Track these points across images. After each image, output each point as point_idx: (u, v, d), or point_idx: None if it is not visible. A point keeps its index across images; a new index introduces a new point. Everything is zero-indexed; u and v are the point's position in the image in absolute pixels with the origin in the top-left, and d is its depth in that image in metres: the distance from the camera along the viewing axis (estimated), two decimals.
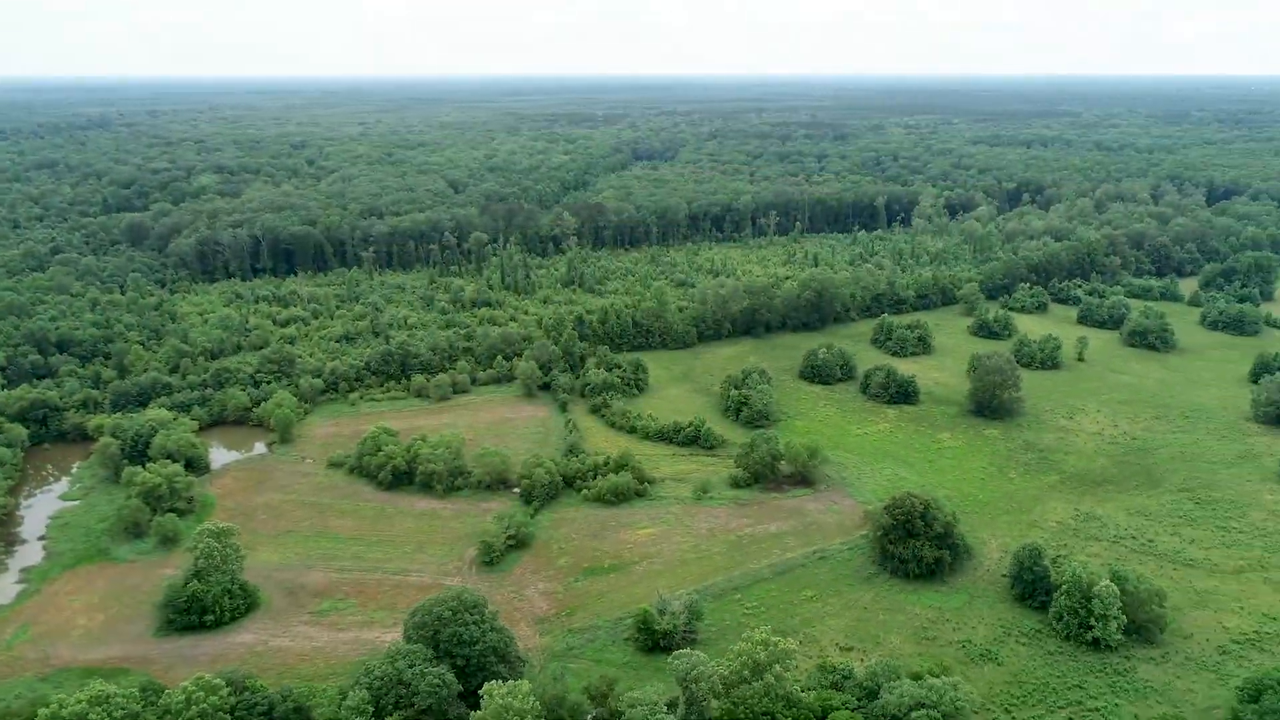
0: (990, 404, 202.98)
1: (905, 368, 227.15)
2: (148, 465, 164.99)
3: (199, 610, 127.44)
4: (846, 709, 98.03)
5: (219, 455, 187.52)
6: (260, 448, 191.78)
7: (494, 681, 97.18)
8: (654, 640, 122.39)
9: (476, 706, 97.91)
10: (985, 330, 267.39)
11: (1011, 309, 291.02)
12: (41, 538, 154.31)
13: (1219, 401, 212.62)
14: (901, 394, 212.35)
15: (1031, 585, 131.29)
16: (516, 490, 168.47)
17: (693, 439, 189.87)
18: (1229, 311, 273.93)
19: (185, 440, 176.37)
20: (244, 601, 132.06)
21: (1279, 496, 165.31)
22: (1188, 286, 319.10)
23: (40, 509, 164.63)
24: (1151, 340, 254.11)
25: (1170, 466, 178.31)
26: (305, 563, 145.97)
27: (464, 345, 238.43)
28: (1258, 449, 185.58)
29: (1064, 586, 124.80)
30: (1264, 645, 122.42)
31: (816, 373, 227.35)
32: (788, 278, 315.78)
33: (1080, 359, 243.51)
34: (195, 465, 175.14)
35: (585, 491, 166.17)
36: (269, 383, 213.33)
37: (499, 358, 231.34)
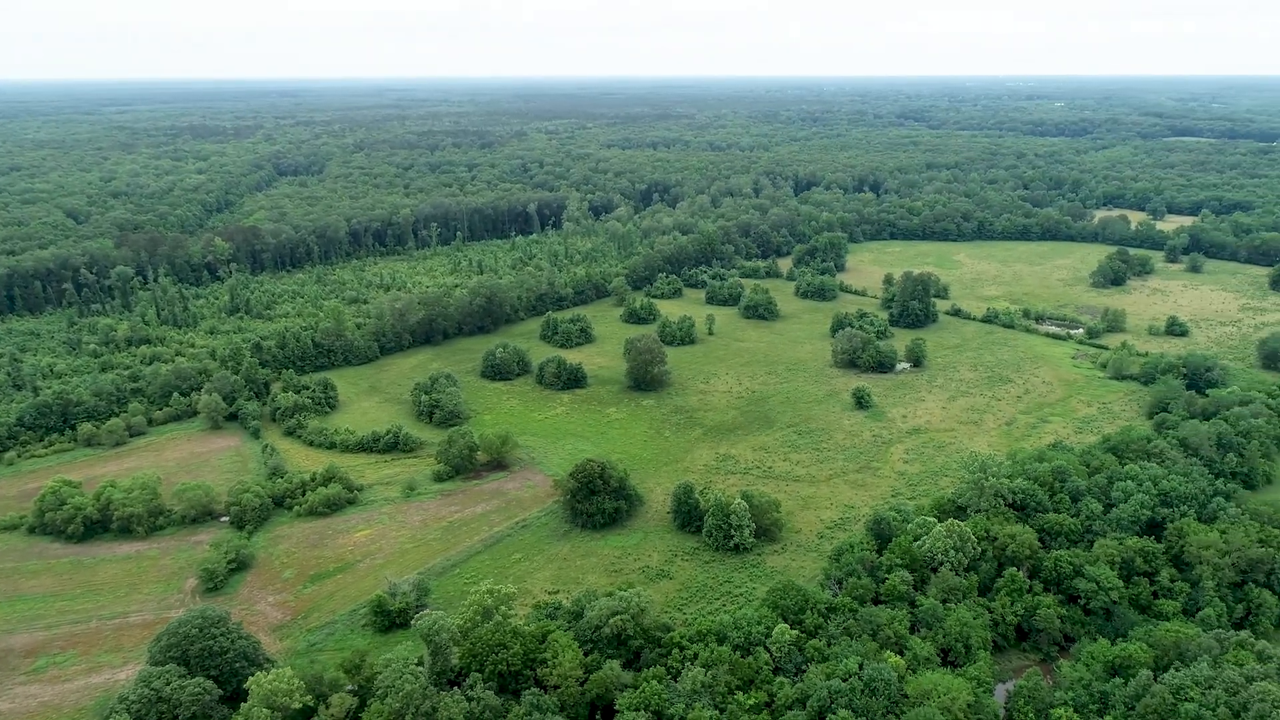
0: (644, 379, 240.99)
1: (572, 357, 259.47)
2: None
3: None
4: (561, 629, 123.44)
5: None
6: None
7: (258, 673, 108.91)
8: (390, 620, 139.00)
9: (238, 707, 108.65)
10: (634, 317, 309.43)
11: (654, 296, 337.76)
12: None
13: (811, 354, 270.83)
14: (572, 380, 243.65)
15: (687, 515, 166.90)
16: (225, 519, 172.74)
17: (392, 445, 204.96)
18: (814, 283, 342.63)
19: None
20: None
21: (854, 421, 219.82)
22: (784, 265, 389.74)
23: None
24: (761, 312, 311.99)
25: (780, 409, 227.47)
26: (3, 629, 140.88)
27: (132, 386, 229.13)
28: (838, 387, 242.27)
29: (710, 510, 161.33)
30: (845, 526, 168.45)
31: (496, 370, 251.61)
32: (457, 285, 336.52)
33: (711, 333, 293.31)
34: None
35: (297, 508, 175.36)
36: None
37: (175, 395, 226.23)
